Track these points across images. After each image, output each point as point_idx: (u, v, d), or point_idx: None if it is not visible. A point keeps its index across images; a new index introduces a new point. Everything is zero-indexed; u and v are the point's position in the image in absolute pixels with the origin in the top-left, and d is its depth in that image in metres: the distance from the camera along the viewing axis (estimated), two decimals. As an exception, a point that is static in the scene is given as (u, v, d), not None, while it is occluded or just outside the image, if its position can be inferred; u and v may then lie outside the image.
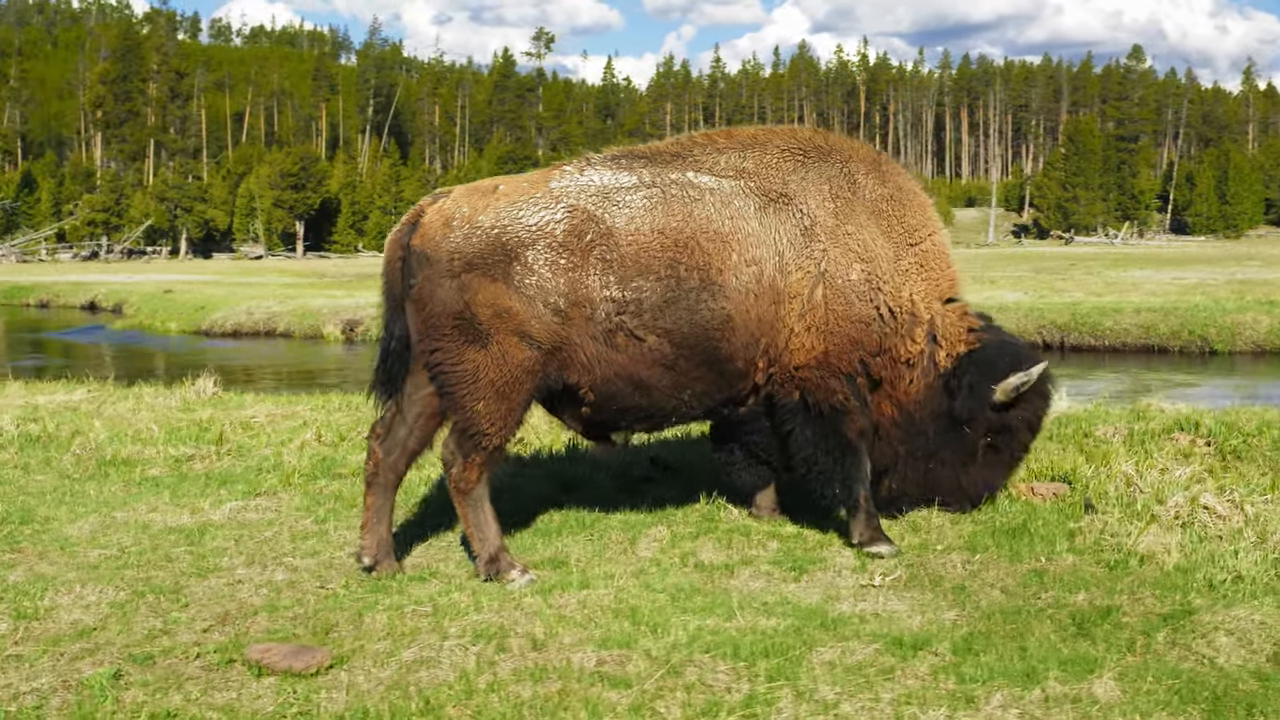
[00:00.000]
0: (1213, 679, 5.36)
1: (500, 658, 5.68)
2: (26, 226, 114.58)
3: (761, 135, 7.68)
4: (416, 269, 6.95)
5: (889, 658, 5.59)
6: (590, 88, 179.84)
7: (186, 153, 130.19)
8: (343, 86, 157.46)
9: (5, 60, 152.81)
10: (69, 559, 7.53)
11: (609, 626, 6.05)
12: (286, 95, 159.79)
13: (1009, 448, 7.99)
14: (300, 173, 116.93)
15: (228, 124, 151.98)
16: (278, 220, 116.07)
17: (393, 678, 5.52)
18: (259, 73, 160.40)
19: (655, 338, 7.01)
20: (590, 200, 7.06)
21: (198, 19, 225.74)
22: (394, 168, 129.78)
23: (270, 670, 5.62)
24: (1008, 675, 5.36)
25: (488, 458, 7.03)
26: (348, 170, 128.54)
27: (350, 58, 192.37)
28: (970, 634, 5.97)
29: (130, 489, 9.43)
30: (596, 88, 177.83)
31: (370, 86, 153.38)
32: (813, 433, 7.48)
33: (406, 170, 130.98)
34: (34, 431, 11.48)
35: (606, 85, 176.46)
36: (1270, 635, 5.82)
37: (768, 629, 6.01)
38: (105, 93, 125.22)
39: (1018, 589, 6.69)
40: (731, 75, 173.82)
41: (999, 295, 33.03)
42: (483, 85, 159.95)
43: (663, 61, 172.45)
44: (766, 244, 7.23)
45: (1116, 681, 5.27)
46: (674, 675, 5.40)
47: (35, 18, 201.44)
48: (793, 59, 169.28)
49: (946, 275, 7.84)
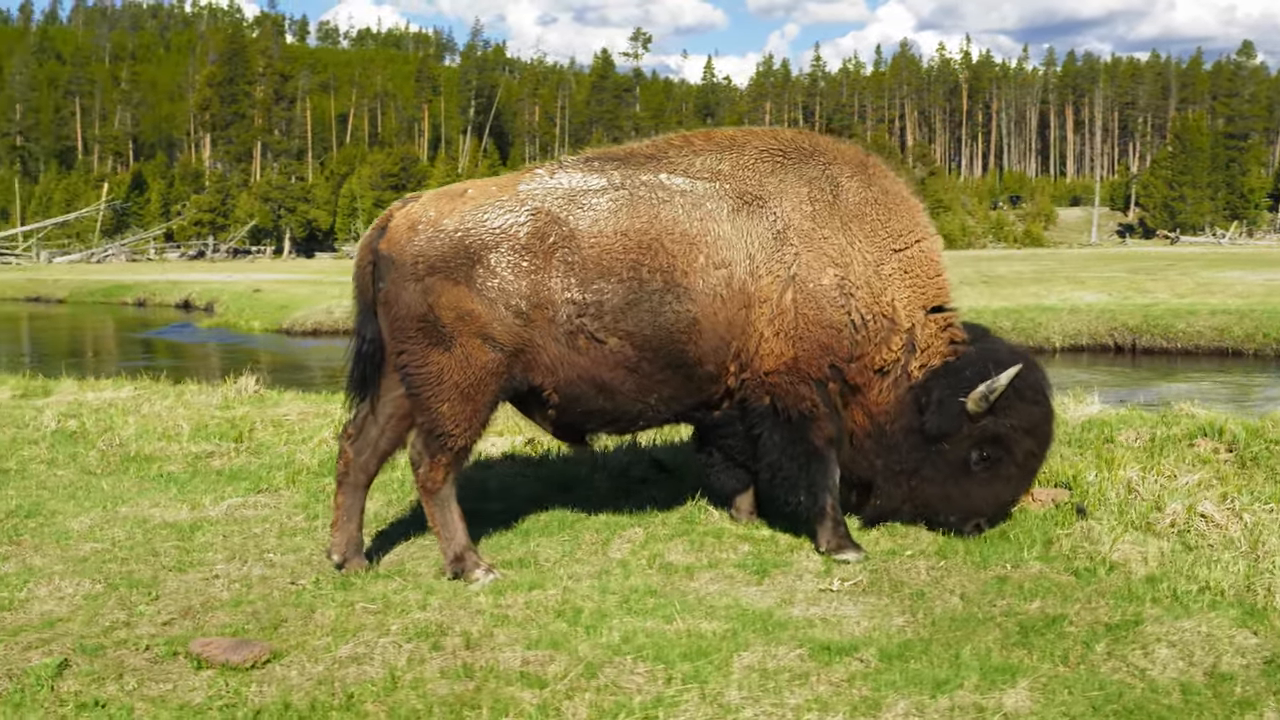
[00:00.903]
0: (1136, 692, 5.28)
1: (432, 655, 5.76)
2: (136, 226, 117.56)
3: (741, 137, 7.64)
4: (385, 272, 7.06)
5: (811, 663, 5.57)
6: (690, 87, 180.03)
7: (290, 154, 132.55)
8: (445, 88, 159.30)
9: (117, 64, 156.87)
10: (62, 552, 7.76)
11: (546, 627, 6.10)
12: (390, 97, 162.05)
13: (1009, 459, 7.61)
14: (400, 173, 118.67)
15: (332, 125, 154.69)
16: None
17: (323, 673, 5.62)
18: (363, 75, 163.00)
19: (617, 340, 7.03)
20: (556, 203, 7.11)
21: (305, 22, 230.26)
22: (492, 168, 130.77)
23: (209, 663, 5.75)
24: (923, 683, 5.31)
25: (453, 458, 7.12)
26: (447, 170, 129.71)
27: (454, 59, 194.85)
28: (909, 641, 5.92)
29: (143, 484, 9.67)
30: (696, 87, 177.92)
31: (471, 88, 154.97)
32: (780, 438, 7.43)
33: (505, 171, 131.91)
34: (71, 428, 11.83)
35: (706, 85, 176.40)
36: (1214, 649, 5.70)
37: (705, 631, 6.02)
38: (212, 95, 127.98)
39: (976, 596, 6.62)
40: (832, 74, 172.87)
41: (1078, 296, 32.51)
42: (582, 86, 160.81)
43: (762, 60, 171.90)
44: (737, 247, 7.19)
45: (1031, 692, 5.21)
46: (590, 676, 5.43)
47: (149, 22, 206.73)
48: (894, 57, 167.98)
49: (934, 283, 7.66)
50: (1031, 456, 7.70)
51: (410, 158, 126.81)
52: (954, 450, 7.55)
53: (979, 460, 7.58)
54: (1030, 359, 7.72)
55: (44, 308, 54.50)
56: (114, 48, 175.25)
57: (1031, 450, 7.67)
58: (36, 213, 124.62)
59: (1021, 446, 7.59)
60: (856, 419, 7.65)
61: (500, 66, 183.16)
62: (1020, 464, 7.65)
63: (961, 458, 7.56)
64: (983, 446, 7.54)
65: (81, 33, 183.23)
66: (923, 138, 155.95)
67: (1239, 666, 5.54)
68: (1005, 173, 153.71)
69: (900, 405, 7.57)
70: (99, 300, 55.31)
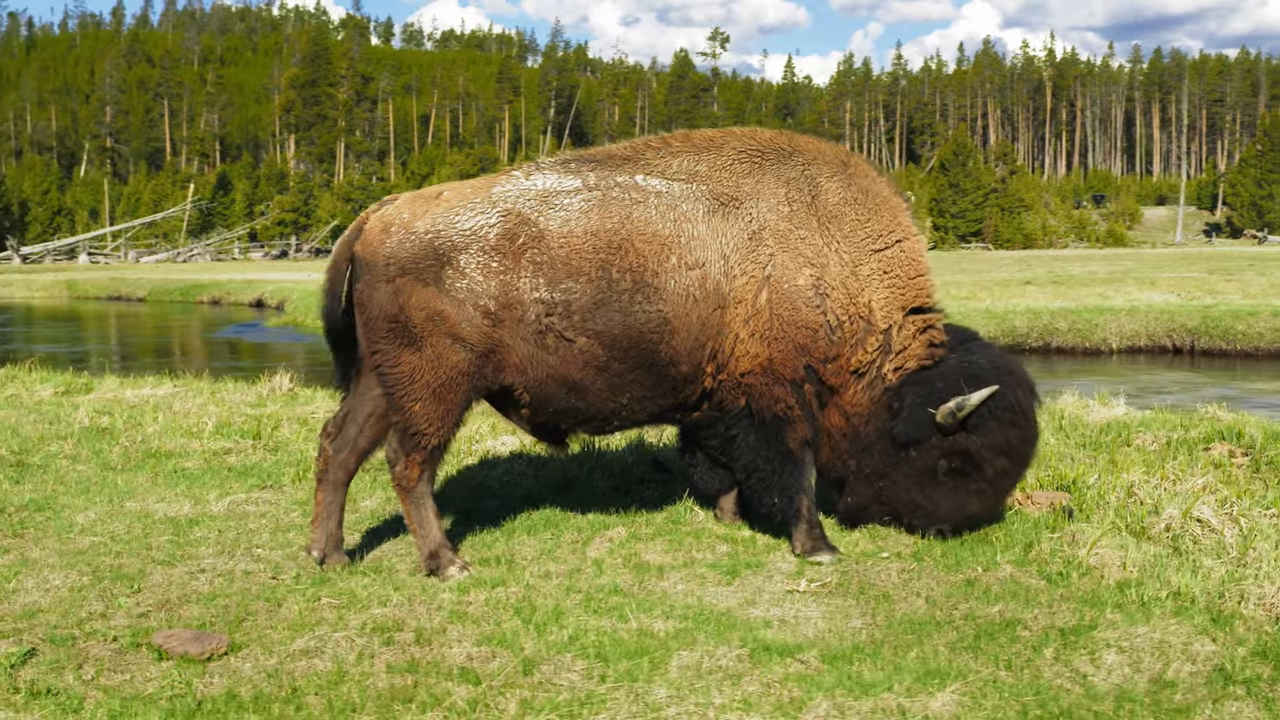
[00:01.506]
0: (1070, 697, 5.25)
1: (382, 650, 5.85)
2: (221, 226, 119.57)
3: (719, 138, 7.65)
4: (360, 273, 7.18)
5: (749, 663, 5.59)
6: (770, 86, 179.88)
7: (371, 154, 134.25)
8: (525, 88, 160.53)
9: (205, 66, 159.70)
10: (61, 545, 7.95)
11: (501, 624, 6.18)
12: (471, 98, 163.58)
13: (979, 476, 7.46)
14: (479, 173, 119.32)
15: (414, 126, 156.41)
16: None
17: (275, 666, 5.73)
18: (445, 76, 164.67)
19: (586, 339, 7.08)
20: (527, 204, 7.17)
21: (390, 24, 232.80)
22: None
23: (169, 655, 5.89)
24: (854, 685, 5.32)
25: (427, 456, 7.21)
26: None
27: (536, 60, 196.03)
28: (860, 643, 5.92)
29: (156, 480, 9.88)
30: (776, 86, 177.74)
31: (551, 88, 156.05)
32: (755, 440, 7.44)
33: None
34: (103, 424, 12.10)
35: (786, 84, 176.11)
36: (1165, 655, 5.66)
37: (656, 630, 6.06)
38: (295, 97, 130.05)
39: (942, 598, 6.60)
40: (913, 72, 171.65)
41: (1144, 297, 32.04)
42: (662, 85, 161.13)
43: (843, 59, 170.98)
44: (711, 248, 7.21)
45: (960, 695, 5.19)
46: (527, 673, 5.51)
47: (237, 25, 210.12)
48: (977, 55, 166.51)
49: (914, 284, 7.61)
50: (1004, 475, 7.53)
51: (489, 158, 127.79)
52: (922, 458, 7.50)
53: (948, 471, 7.48)
54: (1013, 376, 7.52)
55: (124, 306, 55.68)
56: (203, 50, 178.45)
57: (1004, 469, 7.50)
58: (125, 213, 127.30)
59: (993, 465, 7.44)
60: (833, 419, 7.62)
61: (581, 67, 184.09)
62: (991, 481, 7.50)
63: (929, 466, 7.50)
64: (952, 459, 7.45)
65: (171, 36, 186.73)
66: (1005, 136, 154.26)
67: (1186, 674, 5.50)
68: (1090, 171, 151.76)
69: (875, 407, 7.54)
70: (176, 299, 56.40)
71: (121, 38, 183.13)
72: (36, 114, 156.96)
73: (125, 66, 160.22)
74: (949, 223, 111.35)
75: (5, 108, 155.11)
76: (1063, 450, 10.44)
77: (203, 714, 5.25)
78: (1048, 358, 26.48)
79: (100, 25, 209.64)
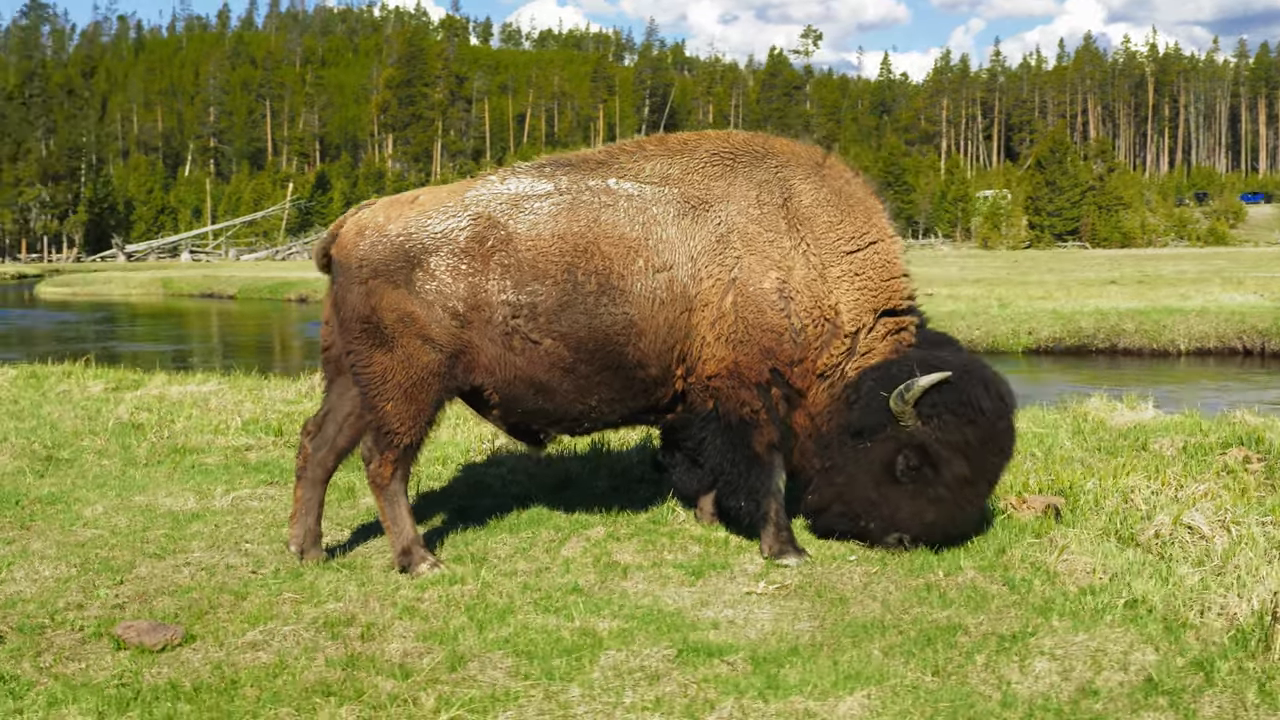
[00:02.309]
0: (984, 705, 5.22)
1: (326, 644, 5.99)
2: (319, 225, 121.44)
3: (692, 141, 7.70)
4: (336, 275, 7.36)
5: (674, 664, 5.64)
6: (865, 83, 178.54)
7: (466, 154, 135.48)
8: (620, 87, 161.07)
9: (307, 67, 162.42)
10: (61, 537, 8.21)
11: (448, 620, 6.29)
12: (567, 97, 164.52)
13: (937, 479, 7.26)
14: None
15: (510, 125, 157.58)
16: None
17: (221, 657, 5.90)
18: (540, 75, 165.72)
19: (551, 341, 7.17)
20: (498, 207, 7.28)
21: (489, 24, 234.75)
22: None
23: (126, 645, 6.08)
24: (767, 687, 5.35)
25: (400, 455, 7.34)
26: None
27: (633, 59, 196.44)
28: (798, 646, 5.95)
29: (172, 475, 10.15)
30: (872, 83, 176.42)
31: (646, 87, 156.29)
32: (722, 443, 7.46)
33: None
34: (139, 420, 12.41)
35: (882, 81, 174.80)
36: (1096, 664, 5.61)
37: (598, 630, 6.13)
38: (390, 97, 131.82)
39: (897, 603, 6.60)
40: (1012, 69, 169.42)
41: (1225, 298, 31.32)
42: (757, 83, 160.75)
43: (940, 55, 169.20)
44: (679, 250, 7.25)
45: (871, 700, 5.20)
46: (454, 669, 5.61)
47: (339, 26, 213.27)
48: (1077, 51, 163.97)
49: (888, 286, 7.57)
50: (964, 483, 7.28)
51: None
52: (877, 450, 7.33)
53: (905, 470, 7.30)
54: (975, 376, 7.36)
55: (215, 304, 56.89)
56: (305, 51, 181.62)
57: (963, 475, 7.25)
58: (226, 211, 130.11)
59: (950, 467, 7.23)
60: (798, 420, 7.60)
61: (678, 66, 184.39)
62: (949, 485, 7.27)
63: (885, 460, 7.32)
64: (907, 453, 7.27)
65: (274, 37, 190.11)
66: (1106, 133, 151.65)
67: (1115, 683, 5.44)
68: (1192, 169, 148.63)
69: (834, 404, 7.48)
70: (265, 296, 57.56)
71: (226, 39, 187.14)
72: (143, 115, 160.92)
73: (229, 68, 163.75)
74: (1045, 221, 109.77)
75: (113, 109, 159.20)
76: (1074, 454, 10.31)
77: (140, 703, 5.40)
78: (1114, 359, 26.12)
79: (206, 27, 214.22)
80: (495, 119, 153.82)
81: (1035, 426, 11.69)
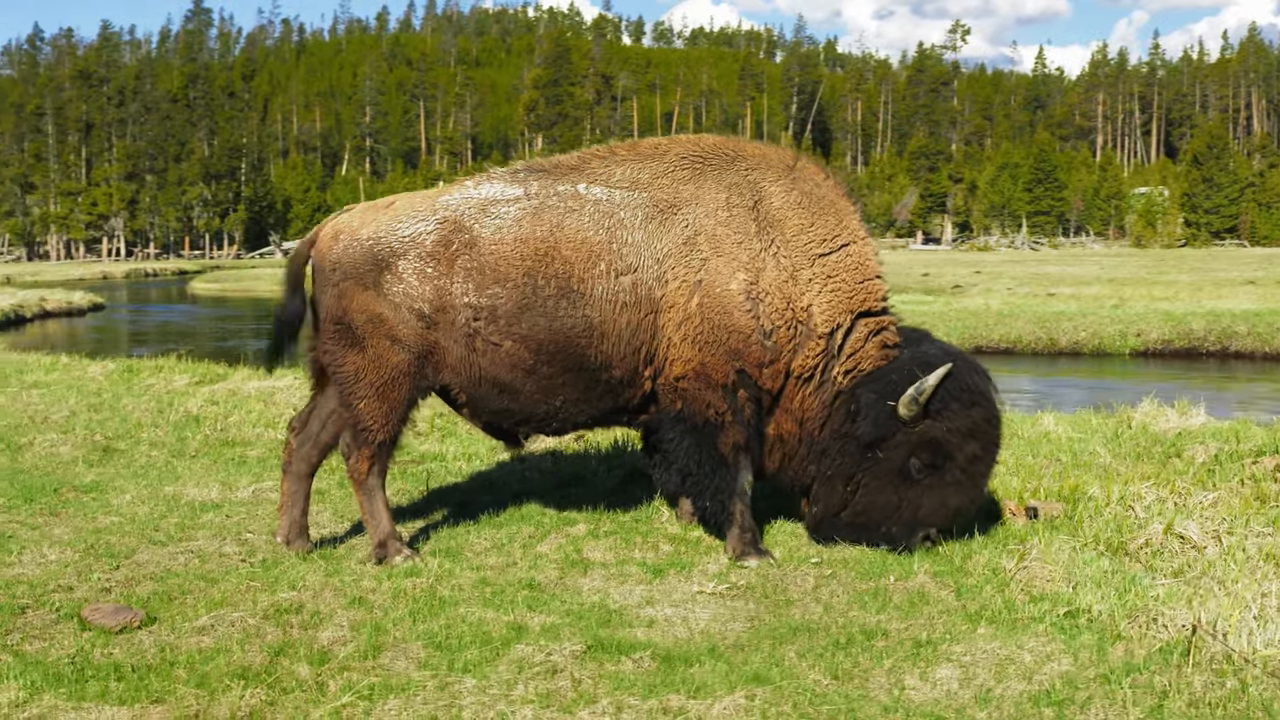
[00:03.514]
0: (863, 709, 5.26)
1: (268, 630, 6.27)
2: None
3: (663, 145, 7.81)
4: (314, 277, 7.67)
5: (577, 660, 5.75)
6: (1020, 78, 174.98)
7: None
8: (768, 85, 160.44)
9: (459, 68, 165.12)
10: (82, 524, 8.67)
11: (389, 611, 6.52)
12: (715, 95, 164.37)
13: (953, 464, 7.40)
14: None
15: (658, 124, 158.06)
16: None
17: (170, 640, 6.20)
18: (688, 74, 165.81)
19: (511, 343, 7.36)
20: (466, 212, 7.49)
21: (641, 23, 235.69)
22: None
23: (90, 626, 6.44)
24: (658, 684, 5.46)
25: (375, 450, 7.62)
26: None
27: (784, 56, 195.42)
28: (717, 646, 6.04)
29: (212, 467, 10.62)
30: (1026, 78, 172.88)
31: (794, 84, 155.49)
32: (689, 444, 7.54)
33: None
34: (204, 413, 12.95)
35: (1036, 75, 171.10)
36: (1002, 672, 5.60)
37: (527, 624, 6.29)
38: (538, 96, 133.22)
39: (840, 606, 6.65)
40: (1172, 62, 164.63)
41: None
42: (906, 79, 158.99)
43: (1097, 49, 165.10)
44: (645, 253, 7.38)
45: (749, 700, 5.26)
46: (367, 658, 5.83)
47: (493, 27, 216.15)
48: (1240, 43, 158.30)
49: (862, 287, 7.61)
50: (976, 460, 7.46)
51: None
52: (891, 457, 7.41)
53: (921, 467, 7.40)
54: (966, 361, 7.53)
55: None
56: (459, 52, 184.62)
57: (976, 454, 7.43)
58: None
59: (964, 451, 7.39)
60: (785, 426, 7.67)
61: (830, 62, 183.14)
62: (964, 468, 7.42)
63: (899, 465, 7.41)
64: (922, 452, 7.37)
65: (430, 39, 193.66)
66: (1270, 127, 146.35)
67: (1013, 692, 5.41)
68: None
69: (827, 411, 7.54)
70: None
71: (384, 41, 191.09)
72: (303, 116, 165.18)
73: (385, 69, 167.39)
74: (1201, 219, 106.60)
75: (274, 110, 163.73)
76: (1100, 460, 10.16)
77: (77, 680, 5.69)
78: (1225, 363, 25.39)
79: (365, 30, 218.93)
80: (644, 117, 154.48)
81: (1073, 431, 11.56)
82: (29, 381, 15.88)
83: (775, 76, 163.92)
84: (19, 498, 9.44)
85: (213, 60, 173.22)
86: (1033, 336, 27.55)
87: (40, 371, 17.00)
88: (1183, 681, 5.42)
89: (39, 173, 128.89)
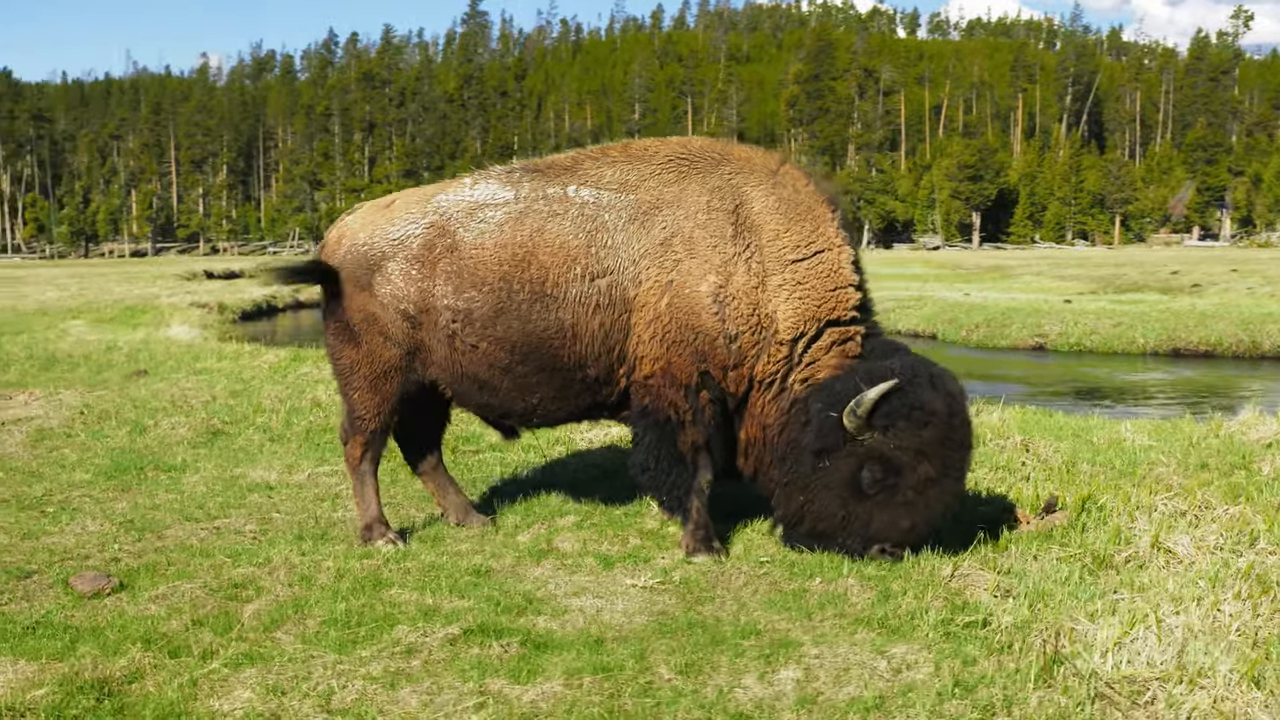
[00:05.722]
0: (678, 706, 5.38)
1: (208, 601, 6.77)
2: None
3: (653, 147, 7.95)
4: (323, 278, 8.19)
5: (444, 642, 6.05)
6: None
7: (871, 146, 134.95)
8: (1043, 75, 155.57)
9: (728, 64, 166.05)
10: (143, 500, 9.44)
11: (323, 589, 6.93)
12: (986, 86, 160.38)
13: (903, 484, 7.25)
14: (978, 164, 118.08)
15: (926, 118, 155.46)
16: (955, 211, 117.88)
17: (125, 606, 6.77)
18: (959, 65, 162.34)
19: (487, 344, 7.69)
20: (453, 216, 7.85)
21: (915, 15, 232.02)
22: (1074, 158, 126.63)
23: (71, 591, 7.11)
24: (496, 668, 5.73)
25: (369, 439, 8.11)
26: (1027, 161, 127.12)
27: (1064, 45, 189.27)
28: (602, 638, 6.21)
29: (295, 451, 11.35)
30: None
31: (1069, 74, 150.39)
32: (651, 439, 7.69)
33: (1089, 160, 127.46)
34: (330, 400, 13.70)
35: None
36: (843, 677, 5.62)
37: (442, 608, 6.60)
38: (798, 91, 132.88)
39: (754, 604, 6.74)
40: None
41: None
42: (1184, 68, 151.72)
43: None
44: (623, 255, 7.56)
45: (564, 689, 5.49)
46: (268, 630, 6.26)
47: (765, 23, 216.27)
48: None
49: (833, 295, 7.60)
50: (930, 483, 7.25)
51: (988, 149, 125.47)
52: (839, 468, 7.35)
53: (870, 482, 7.30)
54: (924, 379, 7.31)
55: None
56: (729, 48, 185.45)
57: (929, 476, 7.23)
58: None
59: (915, 472, 7.22)
60: (752, 431, 7.75)
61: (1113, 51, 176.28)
62: (916, 489, 7.25)
63: (847, 477, 7.34)
64: (871, 466, 7.28)
65: (701, 35, 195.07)
66: None
67: (842, 696, 5.43)
68: None
69: (785, 418, 7.58)
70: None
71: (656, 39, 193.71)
72: (575, 113, 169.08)
73: (656, 66, 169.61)
74: None
75: (548, 108, 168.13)
76: (1155, 470, 9.79)
77: (23, 635, 6.33)
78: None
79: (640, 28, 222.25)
80: (911, 110, 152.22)
81: (1150, 439, 11.17)
82: (198, 368, 17.12)
83: (1051, 66, 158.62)
84: (105, 474, 10.31)
85: (490, 61, 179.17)
86: (1234, 339, 26.21)
87: (213, 359, 18.24)
88: (1022, 696, 5.35)
89: (326, 170, 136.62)
